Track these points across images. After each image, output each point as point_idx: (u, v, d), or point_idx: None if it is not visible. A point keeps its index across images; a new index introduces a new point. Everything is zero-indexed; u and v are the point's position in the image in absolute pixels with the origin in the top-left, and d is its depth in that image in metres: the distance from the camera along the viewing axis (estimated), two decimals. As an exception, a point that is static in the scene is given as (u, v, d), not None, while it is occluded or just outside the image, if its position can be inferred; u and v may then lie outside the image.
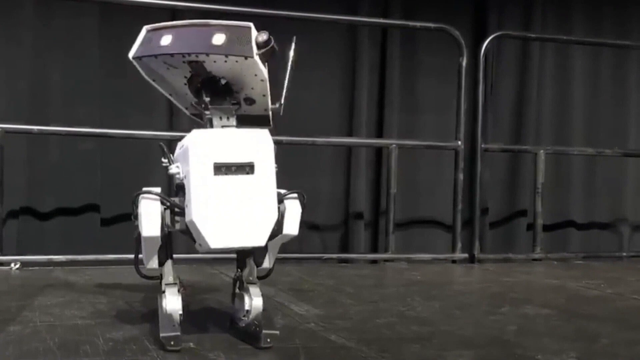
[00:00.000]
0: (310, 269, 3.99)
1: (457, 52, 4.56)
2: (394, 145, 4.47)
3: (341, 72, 4.97)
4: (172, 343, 2.04)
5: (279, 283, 3.26)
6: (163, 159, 2.20)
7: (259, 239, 2.06)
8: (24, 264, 3.75)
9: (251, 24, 2.17)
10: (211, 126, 2.17)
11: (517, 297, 3.27)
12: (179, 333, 2.06)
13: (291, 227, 2.15)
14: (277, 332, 2.14)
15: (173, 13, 4.48)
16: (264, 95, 2.29)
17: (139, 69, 2.28)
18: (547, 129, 5.40)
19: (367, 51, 4.96)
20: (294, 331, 2.37)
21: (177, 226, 2.13)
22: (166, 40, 2.16)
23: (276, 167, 2.09)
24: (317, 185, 4.89)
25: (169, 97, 2.40)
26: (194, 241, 2.08)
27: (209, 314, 2.59)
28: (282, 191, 2.16)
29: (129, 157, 4.41)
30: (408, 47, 5.07)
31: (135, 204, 2.10)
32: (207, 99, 2.20)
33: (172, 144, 4.12)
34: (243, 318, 2.15)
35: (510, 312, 2.87)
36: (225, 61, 2.16)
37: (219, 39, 2.14)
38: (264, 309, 2.13)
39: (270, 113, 2.33)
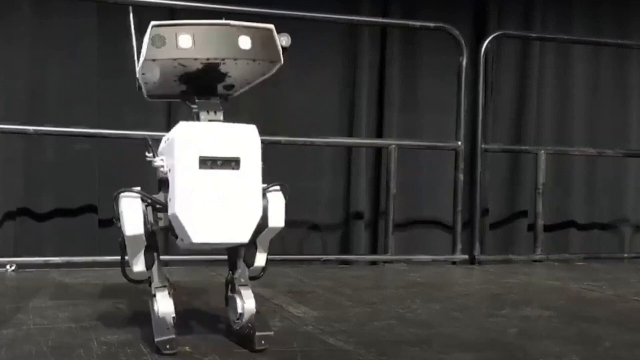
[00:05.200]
0: (309, 271, 3.97)
1: (457, 52, 4.53)
2: (394, 146, 4.45)
3: (341, 71, 4.95)
4: (167, 347, 2.01)
5: (277, 285, 3.24)
6: (147, 153, 2.17)
7: (242, 236, 2.02)
8: (20, 266, 3.72)
9: (272, 26, 2.14)
10: (198, 120, 2.13)
11: (518, 299, 3.24)
12: (173, 336, 2.03)
13: (276, 219, 2.12)
14: (271, 333, 2.10)
15: (172, 12, 4.45)
16: (248, 84, 2.28)
17: (140, 66, 2.15)
18: (548, 129, 5.38)
19: (367, 51, 4.94)
20: (292, 334, 2.34)
21: (161, 223, 2.10)
22: (185, 41, 2.04)
23: (263, 166, 2.05)
24: (317, 186, 4.87)
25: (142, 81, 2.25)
26: (176, 237, 2.04)
27: (206, 317, 2.56)
28: (264, 185, 2.12)
29: (126, 158, 4.37)
30: (408, 46, 5.05)
31: (115, 203, 2.07)
32: (195, 94, 2.16)
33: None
34: (237, 321, 2.12)
35: (511, 314, 2.84)
36: (248, 63, 2.13)
37: (245, 42, 2.09)
38: (257, 311, 2.10)
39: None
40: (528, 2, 5.32)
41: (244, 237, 2.03)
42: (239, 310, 2.09)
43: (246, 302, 2.09)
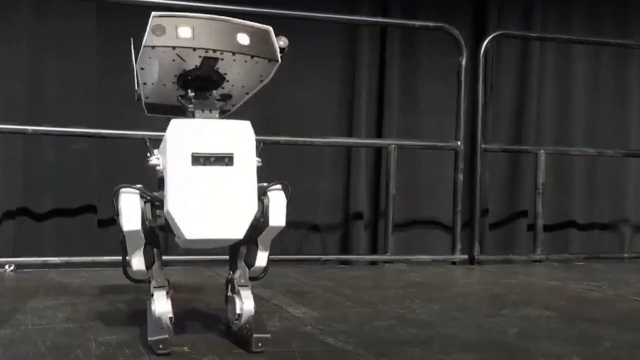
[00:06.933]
0: (309, 271, 3.96)
1: (457, 52, 4.52)
2: (394, 146, 4.44)
3: (341, 71, 4.95)
4: (160, 346, 2.00)
5: (276, 285, 3.23)
6: (148, 155, 2.16)
7: (237, 232, 2.00)
8: (19, 266, 3.71)
9: (270, 27, 2.15)
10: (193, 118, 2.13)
11: (518, 299, 3.23)
12: (167, 336, 2.01)
13: (277, 218, 2.09)
14: (269, 335, 2.09)
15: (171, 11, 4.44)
16: (246, 94, 2.29)
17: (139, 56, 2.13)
18: (548, 129, 5.38)
19: (366, 51, 4.93)
20: (291, 334, 2.33)
21: (159, 221, 2.09)
22: (185, 32, 2.05)
23: (260, 162, 2.05)
24: (317, 186, 4.87)
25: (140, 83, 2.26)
26: (174, 235, 2.03)
27: (205, 317, 2.55)
28: (265, 184, 2.11)
29: (126, 158, 4.37)
30: (408, 46, 5.04)
31: (115, 198, 2.07)
32: (192, 94, 2.15)
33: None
34: (235, 321, 2.11)
35: (511, 314, 2.83)
36: (246, 61, 2.13)
37: (243, 38, 2.10)
38: (256, 312, 2.09)
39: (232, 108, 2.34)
40: (528, 2, 5.32)
41: (239, 233, 2.01)
42: (238, 311, 2.08)
43: (245, 303, 2.07)
